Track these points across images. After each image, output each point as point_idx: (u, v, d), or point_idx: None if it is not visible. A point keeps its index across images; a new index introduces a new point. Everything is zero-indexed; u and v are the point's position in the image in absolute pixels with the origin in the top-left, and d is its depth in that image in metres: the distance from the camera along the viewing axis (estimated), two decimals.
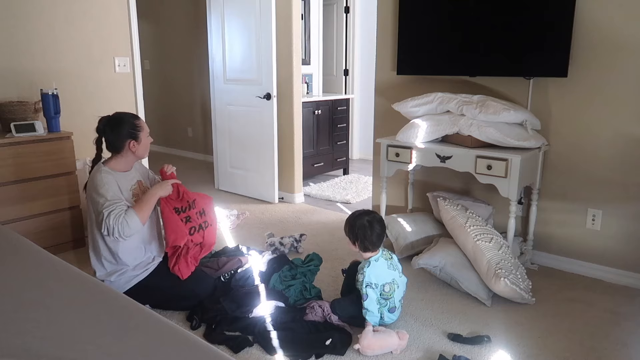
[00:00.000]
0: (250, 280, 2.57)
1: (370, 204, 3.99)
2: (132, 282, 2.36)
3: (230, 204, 4.31)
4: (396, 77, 3.45)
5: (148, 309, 1.55)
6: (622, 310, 2.48)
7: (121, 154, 2.36)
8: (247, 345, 2.13)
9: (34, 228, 2.97)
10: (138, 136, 2.35)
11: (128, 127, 2.33)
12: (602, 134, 2.74)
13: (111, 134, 2.33)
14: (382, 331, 2.15)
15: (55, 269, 1.80)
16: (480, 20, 2.91)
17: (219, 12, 4.43)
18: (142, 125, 2.39)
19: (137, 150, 2.37)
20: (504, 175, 2.62)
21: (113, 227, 2.16)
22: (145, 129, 2.41)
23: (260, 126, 4.26)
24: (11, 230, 2.25)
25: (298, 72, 4.19)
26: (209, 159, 5.94)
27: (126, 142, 2.33)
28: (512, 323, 2.36)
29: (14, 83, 3.22)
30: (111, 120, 2.36)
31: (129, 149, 2.35)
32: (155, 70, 6.61)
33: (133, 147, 2.35)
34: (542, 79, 2.87)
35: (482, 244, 2.56)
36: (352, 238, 2.30)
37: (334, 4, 6.04)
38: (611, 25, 2.62)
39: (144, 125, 2.40)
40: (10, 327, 1.39)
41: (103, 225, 2.18)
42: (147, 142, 2.42)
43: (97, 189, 2.24)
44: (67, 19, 3.40)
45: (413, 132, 2.91)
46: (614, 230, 2.79)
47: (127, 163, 2.40)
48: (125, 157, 2.37)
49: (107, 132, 2.34)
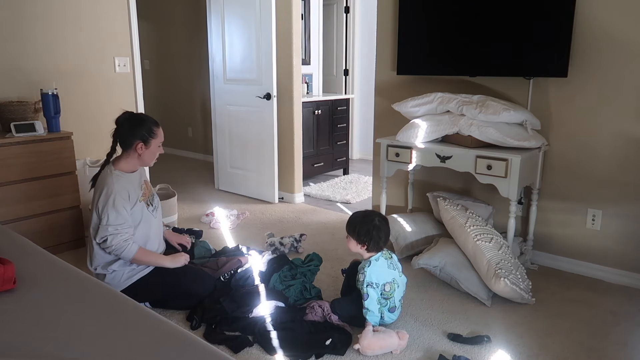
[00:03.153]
0: (250, 280, 2.57)
1: (370, 204, 3.99)
2: (133, 279, 2.36)
3: (230, 204, 4.31)
4: (396, 77, 3.45)
5: (148, 308, 1.55)
6: (622, 310, 2.48)
7: (128, 153, 2.38)
8: (247, 345, 2.13)
9: (34, 228, 2.97)
10: (149, 141, 2.37)
11: (144, 130, 2.36)
12: (602, 134, 2.74)
13: (127, 129, 2.35)
14: (382, 331, 2.15)
15: (55, 269, 1.80)
16: (480, 20, 2.91)
17: (219, 12, 4.43)
18: (158, 134, 2.41)
19: (144, 154, 2.38)
20: (504, 175, 2.62)
21: (112, 246, 2.27)
22: (160, 138, 2.42)
23: (260, 126, 4.26)
24: (11, 230, 2.25)
25: (298, 72, 4.19)
26: (209, 159, 5.94)
27: (135, 142, 2.35)
28: (512, 323, 2.36)
29: (14, 83, 3.22)
30: (133, 117, 2.39)
31: (136, 150, 2.36)
32: (155, 70, 6.61)
33: (140, 150, 2.36)
34: (542, 79, 2.87)
35: (482, 244, 2.56)
36: (363, 238, 2.25)
37: (334, 4, 6.04)
38: (611, 25, 2.62)
39: (160, 134, 2.42)
40: (10, 327, 1.39)
41: (103, 238, 2.27)
42: (157, 151, 2.43)
43: (108, 198, 2.26)
44: (67, 19, 3.41)
45: (413, 132, 2.91)
46: (613, 230, 2.79)
47: (132, 165, 2.41)
48: (131, 157, 2.38)
49: (124, 126, 2.36)
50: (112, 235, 2.26)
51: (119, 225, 2.27)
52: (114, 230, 2.26)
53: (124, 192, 2.31)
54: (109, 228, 2.25)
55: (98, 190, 2.32)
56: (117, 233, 2.26)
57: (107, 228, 2.25)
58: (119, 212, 2.27)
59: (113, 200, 2.26)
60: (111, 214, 2.25)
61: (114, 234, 2.26)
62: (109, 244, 2.26)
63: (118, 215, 2.27)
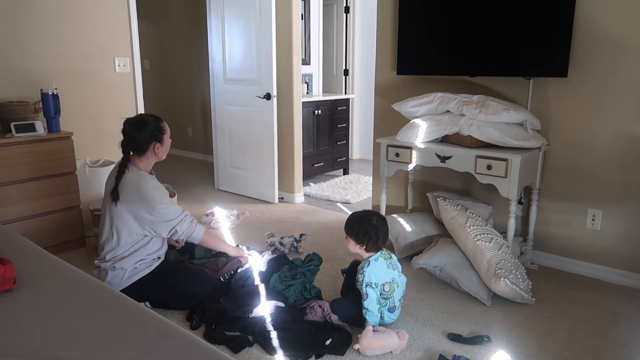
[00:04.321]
0: (250, 280, 2.57)
1: (370, 204, 3.99)
2: (134, 278, 2.36)
3: (230, 204, 4.31)
4: (396, 77, 3.45)
5: (148, 309, 1.55)
6: (622, 310, 2.48)
7: (145, 155, 2.39)
8: (247, 345, 2.13)
9: (34, 228, 2.97)
10: (162, 138, 2.41)
11: (153, 129, 2.38)
12: (602, 134, 2.74)
13: (138, 134, 2.36)
14: (382, 331, 2.15)
15: (55, 269, 1.80)
16: (480, 20, 2.91)
17: (219, 12, 4.43)
18: (165, 128, 2.44)
19: (160, 152, 2.42)
20: (504, 175, 2.62)
21: (183, 233, 2.39)
22: (168, 131, 2.46)
23: (260, 126, 4.26)
24: (11, 230, 2.25)
25: (298, 72, 4.19)
26: (209, 159, 5.94)
27: (151, 144, 2.37)
28: (512, 323, 2.36)
29: (14, 83, 3.22)
30: (137, 121, 2.40)
31: (153, 151, 2.39)
32: (155, 70, 6.61)
33: (157, 149, 2.40)
34: (542, 79, 2.87)
35: (482, 244, 2.56)
36: (362, 238, 2.26)
37: (334, 4, 6.04)
38: (611, 25, 2.62)
39: (166, 127, 2.46)
40: (10, 327, 1.39)
41: (171, 232, 2.37)
42: (169, 143, 2.47)
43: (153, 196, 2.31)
44: (67, 19, 3.41)
45: (413, 132, 2.91)
46: (613, 230, 2.79)
47: (149, 164, 2.44)
48: (148, 158, 2.41)
49: (133, 133, 2.37)
50: (179, 224, 2.36)
51: (175, 215, 2.36)
52: (175, 221, 2.36)
53: (160, 185, 2.39)
54: (171, 222, 2.35)
55: (131, 191, 2.31)
56: (181, 220, 2.38)
57: (169, 224, 2.35)
58: (169, 203, 2.36)
59: (159, 195, 2.33)
60: (163, 208, 2.32)
61: (179, 222, 2.37)
62: (180, 233, 2.38)
63: (169, 205, 2.35)
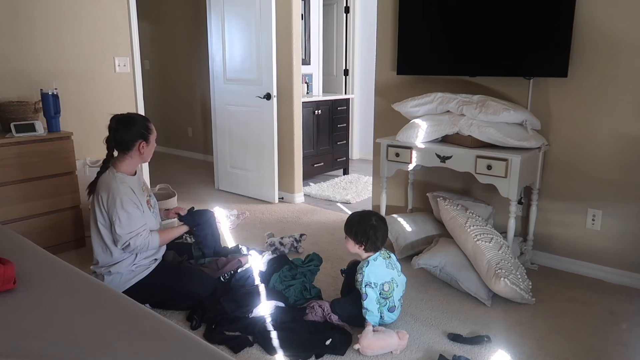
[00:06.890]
0: (250, 280, 2.57)
1: (370, 204, 3.99)
2: (132, 281, 2.36)
3: (230, 204, 4.31)
4: (396, 77, 3.45)
5: (148, 309, 1.55)
6: (622, 310, 2.48)
7: (129, 155, 2.37)
8: (247, 345, 2.13)
9: (34, 228, 2.97)
10: (148, 138, 2.39)
11: (140, 127, 2.36)
12: (602, 134, 2.74)
13: (124, 132, 2.35)
14: (382, 331, 2.15)
15: (55, 269, 1.80)
16: (480, 20, 2.91)
17: (219, 12, 4.43)
18: (153, 129, 2.43)
19: (145, 152, 2.39)
20: (504, 175, 2.62)
21: (137, 247, 2.31)
22: (155, 133, 2.44)
23: (260, 126, 4.26)
24: (11, 230, 2.25)
25: (298, 72, 4.19)
26: (209, 159, 5.93)
27: (137, 142, 2.35)
28: (512, 323, 2.36)
29: (14, 83, 3.22)
30: (124, 119, 2.38)
31: (138, 150, 2.37)
32: (155, 70, 6.61)
33: (142, 149, 2.37)
34: (542, 79, 2.87)
35: (482, 244, 2.56)
36: (361, 238, 2.26)
37: (334, 4, 6.04)
38: (611, 25, 2.62)
39: (154, 128, 2.44)
40: (10, 327, 1.39)
41: (124, 244, 2.28)
42: (154, 145, 2.45)
43: (116, 200, 2.25)
44: (67, 19, 3.41)
45: (413, 132, 2.91)
46: (613, 230, 2.79)
47: (133, 165, 2.41)
48: (132, 158, 2.38)
49: (120, 130, 2.35)
50: (133, 239, 2.28)
51: (132, 228, 2.28)
52: (130, 235, 2.27)
53: (130, 192, 2.31)
54: (125, 235, 2.26)
55: (100, 193, 2.30)
56: (136, 234, 2.29)
57: (124, 235, 2.26)
58: (130, 213, 2.27)
59: (121, 202, 2.26)
60: (122, 216, 2.25)
61: (133, 237, 2.28)
62: (133, 248, 2.30)
63: (129, 217, 2.27)
